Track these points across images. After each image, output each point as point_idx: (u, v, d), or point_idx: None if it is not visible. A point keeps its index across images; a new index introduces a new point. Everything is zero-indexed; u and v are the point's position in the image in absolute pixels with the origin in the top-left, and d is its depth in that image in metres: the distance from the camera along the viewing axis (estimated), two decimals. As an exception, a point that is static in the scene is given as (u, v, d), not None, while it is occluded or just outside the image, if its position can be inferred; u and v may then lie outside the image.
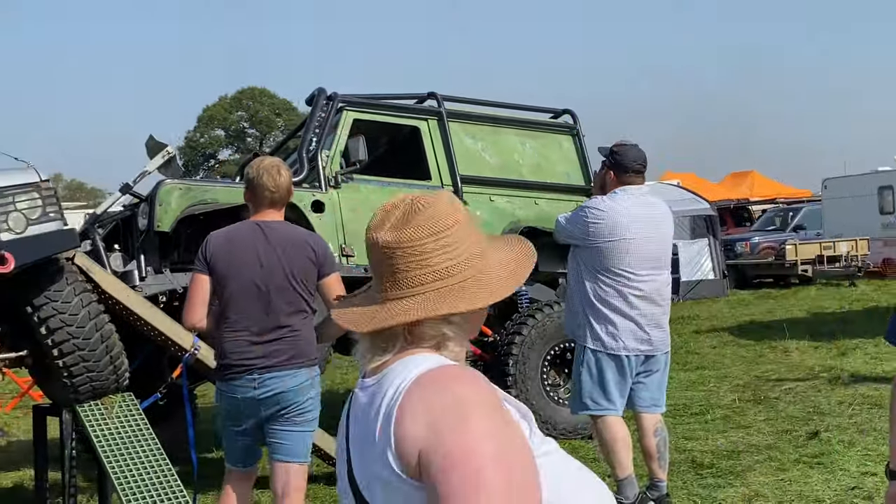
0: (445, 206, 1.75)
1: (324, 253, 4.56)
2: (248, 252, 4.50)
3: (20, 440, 9.80)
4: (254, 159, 9.15)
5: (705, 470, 6.77)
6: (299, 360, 4.49)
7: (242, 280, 4.49)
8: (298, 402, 4.50)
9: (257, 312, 4.49)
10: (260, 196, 4.61)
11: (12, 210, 5.63)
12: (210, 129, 71.33)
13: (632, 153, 5.78)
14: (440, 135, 8.39)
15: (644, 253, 5.61)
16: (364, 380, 1.76)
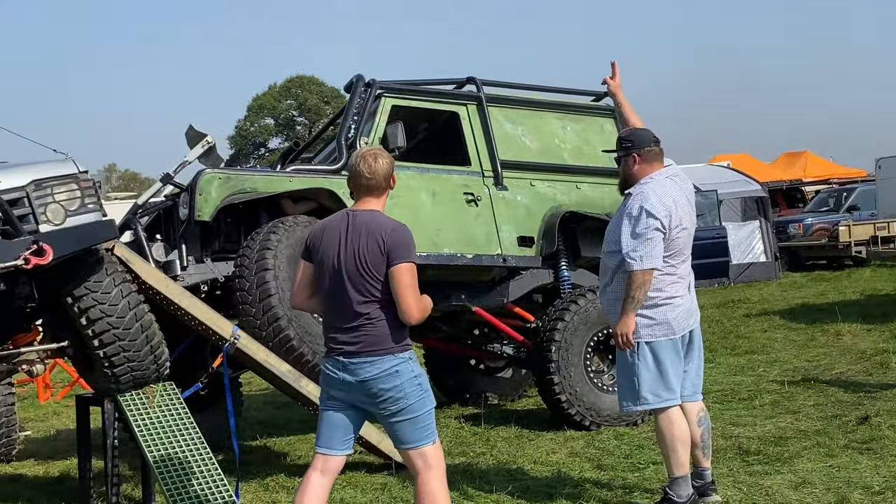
0: None
1: (393, 242, 4.49)
2: (333, 240, 4.59)
3: (68, 429, 9.92)
4: (293, 148, 9.22)
5: (752, 457, 6.65)
6: (376, 349, 4.49)
7: (327, 267, 4.60)
8: (385, 390, 4.49)
9: (339, 299, 4.57)
10: (357, 183, 4.66)
11: (51, 202, 5.67)
12: (260, 117, 71.75)
13: (643, 131, 5.69)
14: (480, 120, 8.32)
15: (691, 233, 5.60)
16: None
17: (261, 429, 8.99)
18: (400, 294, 4.44)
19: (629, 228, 5.42)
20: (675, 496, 5.41)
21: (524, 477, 6.57)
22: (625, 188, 5.70)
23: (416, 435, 4.54)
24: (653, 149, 5.63)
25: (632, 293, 5.38)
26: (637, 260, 5.35)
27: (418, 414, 4.52)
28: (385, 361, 4.47)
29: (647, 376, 5.48)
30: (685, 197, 5.61)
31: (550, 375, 7.94)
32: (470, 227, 8.00)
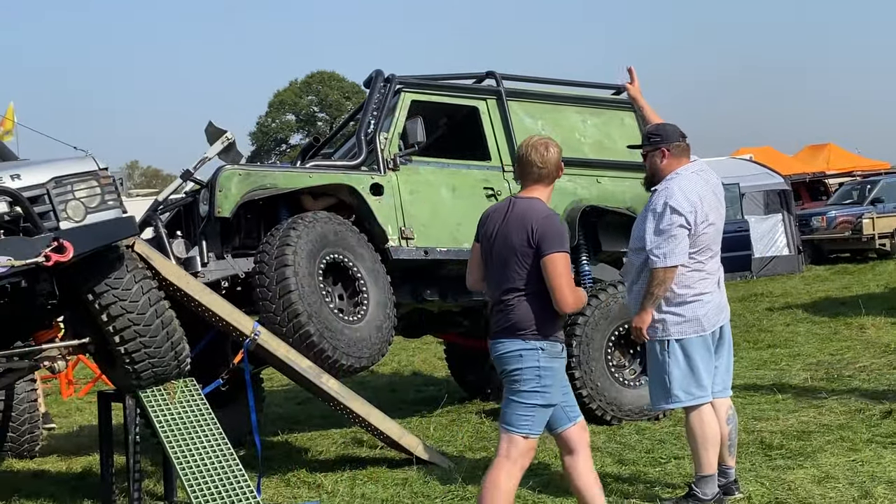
0: None
1: (542, 232, 4.54)
2: (493, 224, 4.74)
3: (91, 425, 9.97)
4: (313, 144, 9.22)
5: (774, 451, 6.60)
6: (511, 332, 4.59)
7: (485, 251, 4.78)
8: (508, 370, 4.63)
9: (490, 283, 4.75)
10: (527, 172, 4.75)
11: (71, 199, 5.69)
12: (281, 113, 71.88)
13: (671, 126, 5.66)
14: (499, 114, 8.30)
15: (720, 229, 5.57)
16: None
17: (282, 424, 9.01)
18: (553, 283, 4.51)
19: (653, 225, 5.40)
20: (701, 494, 5.38)
21: (545, 472, 6.56)
22: (651, 184, 5.67)
23: (513, 420, 4.64)
24: (680, 143, 5.60)
25: (652, 289, 5.36)
26: (660, 257, 5.32)
27: (524, 402, 4.61)
28: (513, 343, 4.59)
29: (679, 374, 5.45)
30: (712, 192, 5.57)
31: (571, 370, 7.89)
32: (490, 221, 7.96)
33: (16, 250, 5.34)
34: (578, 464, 4.80)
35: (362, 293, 7.04)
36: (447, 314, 8.78)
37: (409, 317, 8.39)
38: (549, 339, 4.62)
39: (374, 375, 11.32)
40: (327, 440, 8.24)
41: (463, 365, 9.89)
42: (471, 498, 5.96)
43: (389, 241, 7.42)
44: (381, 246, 7.38)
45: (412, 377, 11.75)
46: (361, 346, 6.84)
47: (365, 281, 7.06)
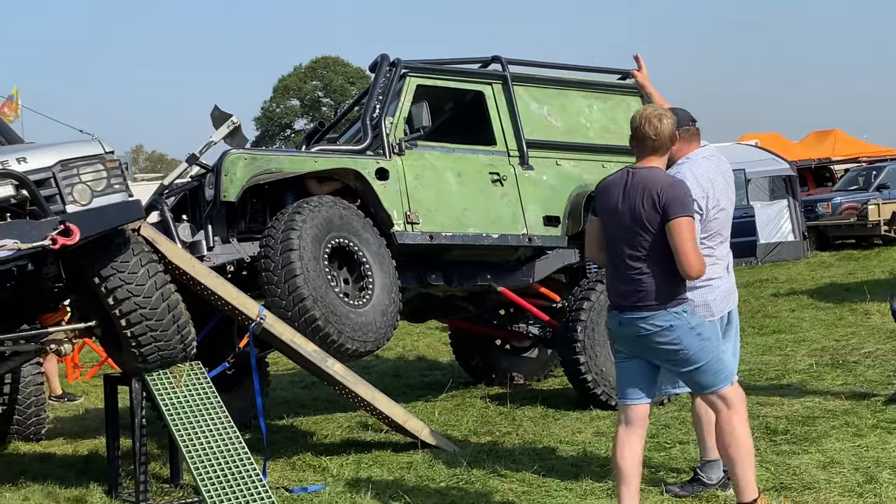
0: None
1: (670, 197, 4.57)
2: (613, 196, 4.73)
3: (97, 408, 10.00)
4: (318, 129, 9.20)
5: (779, 436, 6.61)
6: (650, 303, 4.62)
7: (605, 223, 4.80)
8: (661, 343, 4.63)
9: (615, 254, 4.73)
10: (642, 143, 4.76)
11: (77, 182, 5.69)
12: (285, 99, 71.78)
13: (681, 110, 5.64)
14: (505, 99, 8.28)
15: (730, 214, 5.56)
16: None
17: (287, 408, 9.04)
18: (679, 248, 4.54)
19: None
20: (706, 478, 5.39)
21: (550, 456, 6.57)
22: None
23: (710, 380, 4.71)
24: (690, 128, 5.58)
25: None
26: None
27: (704, 362, 4.67)
28: (658, 317, 4.61)
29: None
30: (722, 177, 5.54)
31: (576, 355, 7.92)
32: (496, 206, 7.97)
33: (22, 233, 5.35)
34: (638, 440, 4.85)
35: (367, 277, 7.05)
36: (452, 299, 8.79)
37: (414, 301, 8.40)
38: (685, 300, 4.70)
39: (378, 360, 11.34)
40: (332, 424, 8.27)
41: (468, 350, 9.91)
42: (475, 481, 5.98)
43: (395, 226, 7.43)
44: (386, 230, 7.39)
45: (417, 362, 11.78)
46: (367, 331, 6.85)
47: (370, 265, 7.07)
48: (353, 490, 6.00)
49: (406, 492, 5.89)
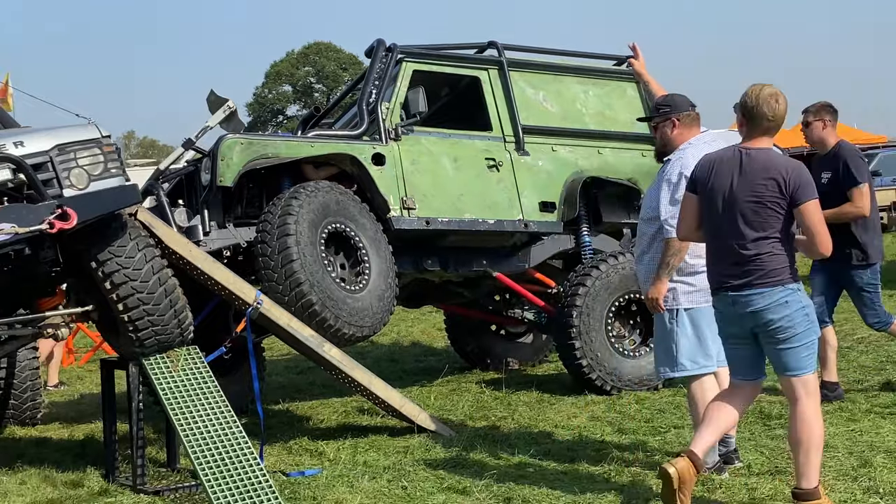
0: None
1: (799, 180, 4.61)
2: (725, 176, 4.75)
3: (92, 393, 10.01)
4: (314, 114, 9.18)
5: (773, 421, 6.66)
6: (767, 281, 4.67)
7: (716, 203, 4.77)
8: (773, 321, 4.67)
9: (729, 234, 4.74)
10: (757, 123, 4.76)
11: (74, 166, 5.69)
12: (277, 84, 71.68)
13: (680, 96, 5.68)
14: (501, 85, 8.29)
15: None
16: None
17: (283, 393, 9.06)
18: (815, 229, 4.61)
19: (668, 195, 5.40)
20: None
21: (546, 441, 6.60)
22: (663, 154, 5.67)
23: (800, 363, 4.74)
24: (690, 113, 5.60)
25: (667, 259, 5.37)
26: (676, 227, 5.32)
27: (804, 343, 4.72)
28: (775, 293, 4.66)
29: (686, 343, 5.47)
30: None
31: (572, 340, 7.95)
32: (491, 192, 7.99)
33: (20, 217, 5.35)
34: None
35: (364, 263, 7.06)
36: (448, 284, 8.81)
37: (409, 287, 8.41)
38: (797, 279, 4.75)
39: (373, 345, 11.36)
40: (328, 409, 8.29)
41: (463, 335, 9.93)
42: (471, 465, 6.01)
43: (391, 211, 7.44)
44: (382, 216, 7.39)
45: (412, 347, 11.80)
46: (363, 316, 6.86)
47: (366, 250, 7.08)
48: (350, 474, 6.02)
49: (403, 475, 5.92)
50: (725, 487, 5.21)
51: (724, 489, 5.18)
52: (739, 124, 4.89)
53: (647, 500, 5.10)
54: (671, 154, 5.55)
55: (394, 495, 5.52)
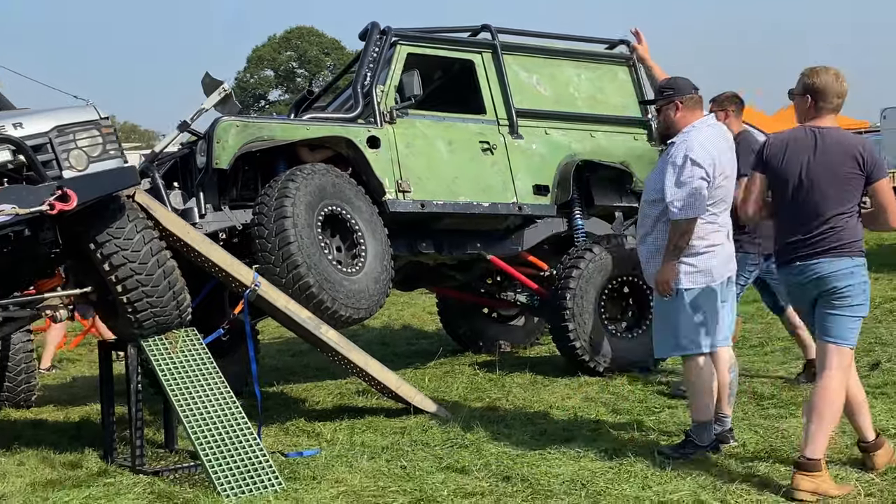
0: None
1: (872, 159, 4.84)
2: (800, 154, 4.93)
3: (84, 376, 10.02)
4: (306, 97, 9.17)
5: (766, 401, 6.74)
6: (839, 251, 4.86)
7: (792, 179, 4.94)
8: (837, 287, 4.85)
9: (805, 208, 4.92)
10: (827, 102, 4.96)
11: (73, 148, 5.69)
12: (260, 69, 71.29)
13: (682, 79, 5.72)
14: (495, 68, 8.31)
15: (733, 181, 5.64)
16: None
17: (277, 376, 9.08)
18: (889, 205, 4.82)
19: (673, 177, 5.43)
20: (698, 440, 5.49)
21: (542, 421, 6.66)
22: (666, 137, 5.71)
23: (844, 333, 4.90)
24: (693, 95, 5.65)
25: (675, 241, 5.42)
26: (681, 209, 5.37)
27: (855, 315, 4.91)
28: (843, 262, 4.87)
29: (686, 323, 5.52)
30: (726, 144, 5.62)
31: (565, 322, 8.01)
32: (486, 175, 8.02)
33: (20, 199, 5.34)
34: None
35: (360, 245, 7.08)
36: (441, 267, 8.85)
37: (403, 270, 8.45)
38: (864, 251, 4.96)
39: (364, 329, 11.39)
40: (323, 391, 8.32)
41: (455, 318, 9.98)
42: (468, 445, 6.06)
43: (386, 194, 7.46)
44: (378, 199, 7.41)
45: (403, 331, 11.84)
46: (360, 298, 6.89)
47: (363, 233, 7.10)
48: (348, 454, 6.06)
49: (401, 455, 5.96)
50: (721, 466, 5.27)
51: (719, 468, 5.24)
52: (804, 106, 5.00)
53: (645, 477, 5.14)
54: (675, 137, 5.59)
55: (393, 475, 5.56)
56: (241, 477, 5.53)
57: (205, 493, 5.39)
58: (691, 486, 4.95)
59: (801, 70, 5.06)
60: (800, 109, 5.05)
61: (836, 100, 4.94)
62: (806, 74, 5.01)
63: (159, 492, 5.51)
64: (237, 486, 5.45)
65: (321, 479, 5.56)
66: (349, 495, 5.22)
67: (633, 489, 4.96)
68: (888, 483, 4.80)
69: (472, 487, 5.18)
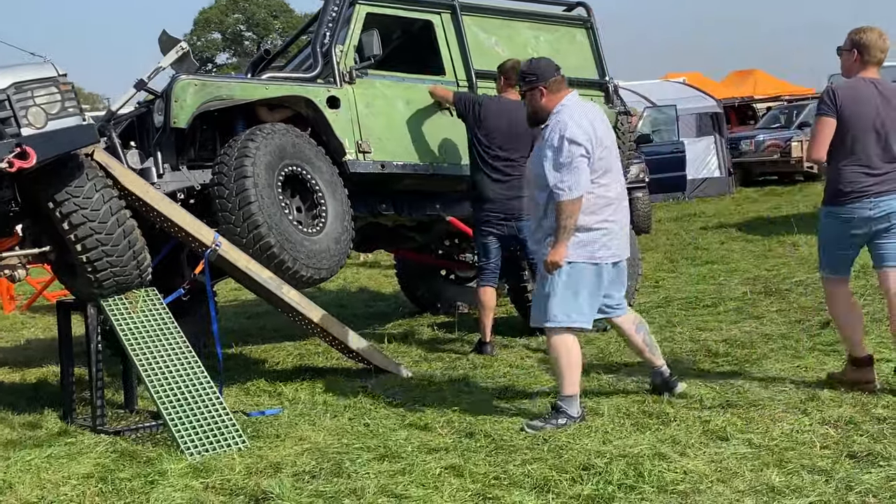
0: None
1: None
2: (869, 102, 5.62)
3: (38, 338, 9.93)
4: (263, 57, 9.08)
5: (721, 358, 6.86)
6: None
7: (864, 124, 5.61)
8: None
9: (874, 150, 5.63)
10: (873, 56, 5.71)
11: (32, 105, 5.61)
12: (206, 32, 70.35)
13: (545, 61, 5.85)
14: (454, 29, 8.28)
15: (614, 150, 5.73)
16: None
17: (234, 337, 9.06)
18: None
19: (552, 160, 5.45)
20: (568, 411, 5.50)
21: (501, 379, 6.74)
22: (536, 122, 5.82)
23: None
24: (557, 77, 5.73)
25: (563, 223, 5.41)
26: (566, 190, 5.38)
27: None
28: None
29: (563, 295, 5.54)
30: (598, 115, 5.69)
31: (524, 283, 8.07)
32: (446, 136, 8.02)
33: (-22, 156, 5.27)
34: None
35: (320, 206, 7.06)
36: (400, 228, 8.86)
37: (362, 231, 8.44)
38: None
39: (321, 292, 11.37)
40: (282, 352, 8.33)
41: (413, 280, 10.01)
42: (430, 403, 6.11)
43: (347, 155, 7.43)
44: (338, 159, 7.39)
45: (359, 293, 11.86)
46: (321, 258, 6.88)
47: (323, 193, 7.08)
48: (311, 413, 6.09)
49: (364, 413, 6.01)
50: (680, 420, 5.37)
51: (678, 422, 5.33)
52: (850, 60, 5.75)
53: (605, 432, 5.23)
54: (548, 120, 5.64)
55: (356, 432, 5.61)
56: (205, 435, 5.54)
57: (168, 451, 5.40)
58: (651, 440, 5.04)
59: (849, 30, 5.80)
60: (846, 63, 5.79)
61: (879, 54, 5.69)
62: (854, 32, 5.74)
63: (122, 451, 5.50)
64: (201, 445, 5.46)
65: (285, 437, 5.60)
66: (313, 452, 5.25)
67: (594, 443, 5.03)
68: (842, 435, 4.93)
69: (437, 443, 5.24)
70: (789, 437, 4.93)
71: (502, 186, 7.58)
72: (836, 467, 4.46)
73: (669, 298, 9.50)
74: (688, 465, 4.60)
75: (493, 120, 7.56)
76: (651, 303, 9.32)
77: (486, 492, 4.43)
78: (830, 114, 5.61)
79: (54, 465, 5.27)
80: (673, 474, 4.48)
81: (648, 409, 5.63)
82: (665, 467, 4.57)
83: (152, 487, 4.81)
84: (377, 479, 4.70)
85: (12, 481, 5.00)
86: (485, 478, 4.60)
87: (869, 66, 5.71)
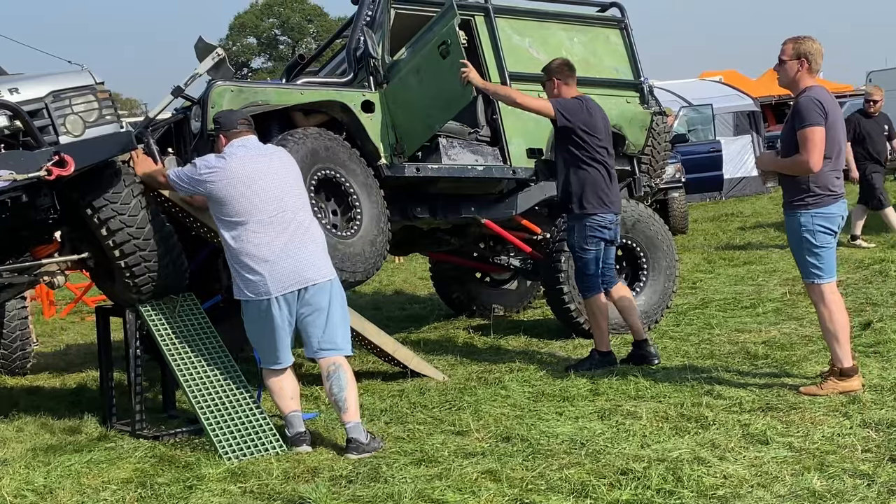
0: None
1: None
2: (839, 108, 5.77)
3: (77, 344, 10.03)
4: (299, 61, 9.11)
5: (760, 360, 6.80)
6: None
7: (844, 130, 5.90)
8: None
9: (843, 155, 5.93)
10: (817, 65, 5.77)
11: (69, 113, 5.67)
12: (242, 37, 70.78)
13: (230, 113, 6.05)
14: (487, 31, 8.25)
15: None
16: None
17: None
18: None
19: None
20: (288, 430, 5.63)
21: (538, 382, 6.71)
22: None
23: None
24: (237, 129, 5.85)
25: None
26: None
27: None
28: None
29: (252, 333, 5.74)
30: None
31: (560, 285, 8.04)
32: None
33: (18, 164, 5.33)
34: None
35: (355, 208, 7.07)
36: (436, 232, 8.85)
37: (397, 234, 8.44)
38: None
39: (356, 294, 11.40)
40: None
41: (448, 282, 10.01)
42: (466, 407, 6.10)
43: (382, 159, 7.44)
44: (373, 163, 7.40)
45: (395, 296, 11.86)
46: (356, 261, 6.89)
47: (357, 196, 7.08)
48: (347, 417, 6.08)
49: (400, 417, 6.01)
50: (719, 424, 5.32)
51: (717, 425, 5.29)
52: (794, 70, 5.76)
53: (644, 436, 5.19)
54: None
55: (393, 436, 5.61)
56: (243, 440, 5.57)
57: (206, 456, 5.43)
58: (689, 444, 5.00)
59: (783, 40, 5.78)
60: (791, 73, 5.76)
61: (821, 61, 5.71)
62: (795, 42, 5.72)
63: (161, 455, 5.54)
64: (238, 450, 5.49)
65: (321, 441, 5.60)
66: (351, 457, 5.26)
67: (632, 448, 5.00)
68: (884, 438, 4.86)
69: (473, 448, 5.23)
70: (830, 441, 4.88)
71: (614, 184, 7.28)
72: (878, 471, 4.40)
73: (707, 300, 9.42)
74: (727, 469, 4.56)
75: (595, 119, 7.29)
76: (689, 304, 9.24)
77: (523, 497, 4.41)
78: (823, 122, 5.65)
79: (94, 470, 5.32)
80: (712, 479, 4.44)
81: (687, 412, 5.59)
82: (704, 472, 4.53)
83: (191, 492, 4.84)
84: (414, 483, 4.69)
85: (53, 486, 5.05)
86: (522, 482, 4.58)
87: (814, 74, 5.77)
